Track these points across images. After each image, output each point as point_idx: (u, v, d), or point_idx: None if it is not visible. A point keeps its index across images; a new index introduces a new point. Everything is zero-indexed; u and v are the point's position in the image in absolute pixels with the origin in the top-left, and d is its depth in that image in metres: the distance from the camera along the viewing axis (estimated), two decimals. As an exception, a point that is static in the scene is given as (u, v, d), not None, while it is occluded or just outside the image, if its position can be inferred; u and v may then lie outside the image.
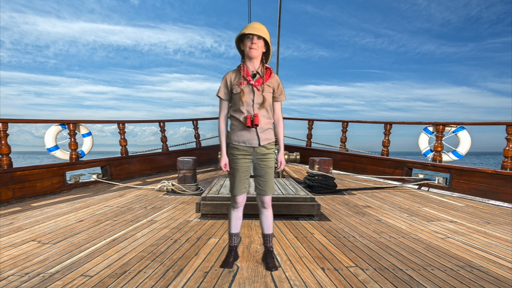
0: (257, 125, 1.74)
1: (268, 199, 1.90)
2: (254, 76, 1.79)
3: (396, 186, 5.15)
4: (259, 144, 1.80)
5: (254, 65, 1.80)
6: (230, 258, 1.95)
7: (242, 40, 1.78)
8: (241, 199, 1.90)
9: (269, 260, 1.93)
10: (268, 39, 1.75)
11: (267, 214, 1.93)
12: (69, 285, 1.68)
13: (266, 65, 1.83)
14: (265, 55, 1.83)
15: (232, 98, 1.84)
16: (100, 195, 4.26)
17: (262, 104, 1.77)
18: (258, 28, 1.71)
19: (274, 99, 1.87)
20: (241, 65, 1.82)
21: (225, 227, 2.81)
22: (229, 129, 1.91)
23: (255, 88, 1.76)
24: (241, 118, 1.77)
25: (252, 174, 1.93)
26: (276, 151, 2.08)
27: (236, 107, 1.79)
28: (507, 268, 1.99)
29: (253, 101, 1.76)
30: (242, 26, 1.89)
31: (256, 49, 1.72)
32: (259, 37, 1.72)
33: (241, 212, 1.96)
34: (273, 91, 1.85)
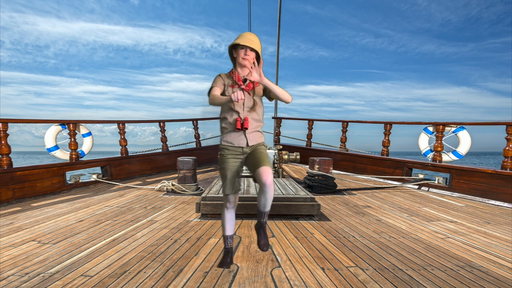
0: (246, 128, 1.80)
1: (269, 172, 1.70)
2: (245, 81, 1.86)
3: (396, 186, 5.15)
4: (247, 145, 1.84)
5: (245, 72, 1.87)
6: (227, 259, 1.94)
7: (235, 48, 1.85)
8: (233, 199, 1.89)
9: (261, 238, 1.85)
10: (260, 52, 1.82)
11: (267, 196, 1.72)
12: (69, 285, 1.68)
13: None
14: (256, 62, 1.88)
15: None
16: (100, 195, 4.26)
17: (252, 108, 1.84)
18: (252, 40, 1.79)
19: (265, 92, 1.89)
20: (233, 71, 1.89)
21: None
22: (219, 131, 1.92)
23: (245, 92, 1.82)
24: (231, 120, 1.82)
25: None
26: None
27: (227, 109, 1.84)
28: (507, 268, 1.99)
29: (243, 104, 1.82)
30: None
31: (249, 60, 1.79)
32: (252, 49, 1.79)
33: (234, 214, 1.95)
34: (263, 92, 1.89)
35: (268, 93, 1.88)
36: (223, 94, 1.84)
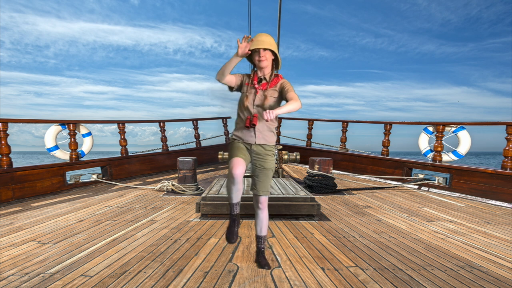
0: (254, 125, 1.85)
1: (262, 199, 1.93)
2: (260, 80, 1.93)
3: (396, 186, 5.15)
4: (255, 142, 1.89)
5: (264, 72, 1.94)
6: (234, 228, 1.90)
7: (252, 53, 1.91)
8: (238, 169, 1.77)
9: (261, 259, 1.97)
10: (274, 48, 1.87)
11: (262, 216, 1.95)
12: (69, 285, 1.68)
13: (275, 72, 1.97)
14: (275, 61, 1.95)
15: (240, 92, 1.98)
16: (100, 195, 4.26)
17: (262, 107, 1.87)
18: (263, 41, 1.84)
19: (285, 95, 1.87)
20: (252, 72, 1.97)
21: (225, 226, 2.81)
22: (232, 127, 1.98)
23: (257, 91, 1.90)
24: (243, 117, 1.91)
25: (249, 174, 1.93)
26: (276, 151, 2.09)
27: (241, 105, 1.94)
28: (507, 268, 1.99)
29: (253, 102, 1.88)
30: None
31: (265, 60, 1.86)
32: (265, 48, 1.84)
33: (241, 185, 1.85)
34: (280, 93, 1.91)
35: (284, 97, 1.87)
36: (238, 89, 1.96)
